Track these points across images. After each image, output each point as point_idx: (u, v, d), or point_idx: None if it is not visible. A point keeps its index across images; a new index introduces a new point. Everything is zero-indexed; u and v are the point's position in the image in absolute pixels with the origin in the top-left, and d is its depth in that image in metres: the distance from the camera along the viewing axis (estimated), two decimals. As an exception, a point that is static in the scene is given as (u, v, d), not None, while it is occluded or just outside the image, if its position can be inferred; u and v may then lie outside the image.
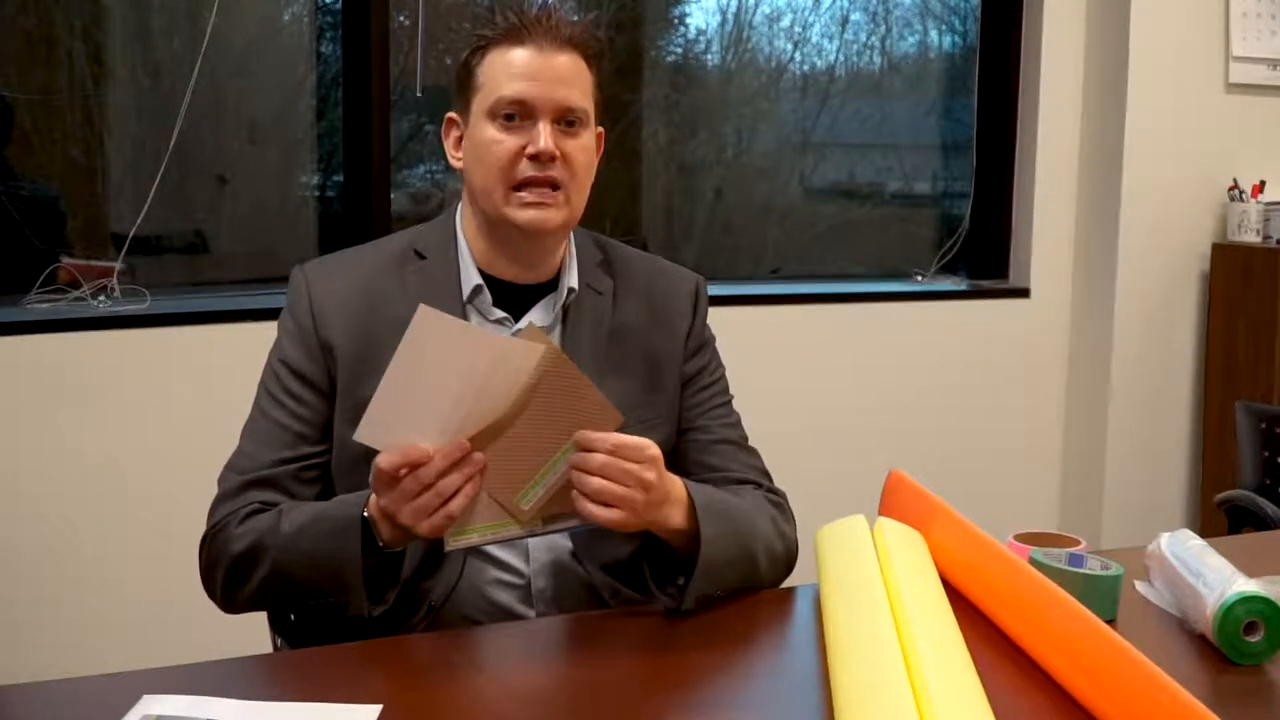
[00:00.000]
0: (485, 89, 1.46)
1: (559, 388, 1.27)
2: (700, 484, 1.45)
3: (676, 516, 1.38)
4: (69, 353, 2.57)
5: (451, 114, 1.53)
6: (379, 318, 1.48)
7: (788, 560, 1.53)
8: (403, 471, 1.25)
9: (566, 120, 1.46)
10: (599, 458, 1.29)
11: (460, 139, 1.52)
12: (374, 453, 1.28)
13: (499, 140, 1.45)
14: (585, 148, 1.48)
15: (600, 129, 1.55)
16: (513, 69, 1.44)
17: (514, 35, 1.45)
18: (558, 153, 1.44)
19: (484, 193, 1.47)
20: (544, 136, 1.43)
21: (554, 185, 1.45)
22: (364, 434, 1.26)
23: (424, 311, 1.20)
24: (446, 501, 1.25)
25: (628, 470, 1.29)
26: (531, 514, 1.31)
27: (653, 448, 1.33)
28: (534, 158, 1.43)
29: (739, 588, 1.45)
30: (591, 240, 1.61)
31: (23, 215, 2.73)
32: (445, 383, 1.23)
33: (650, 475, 1.31)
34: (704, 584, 1.39)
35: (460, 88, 1.51)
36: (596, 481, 1.29)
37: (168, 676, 1.20)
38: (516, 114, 1.44)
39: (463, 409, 1.24)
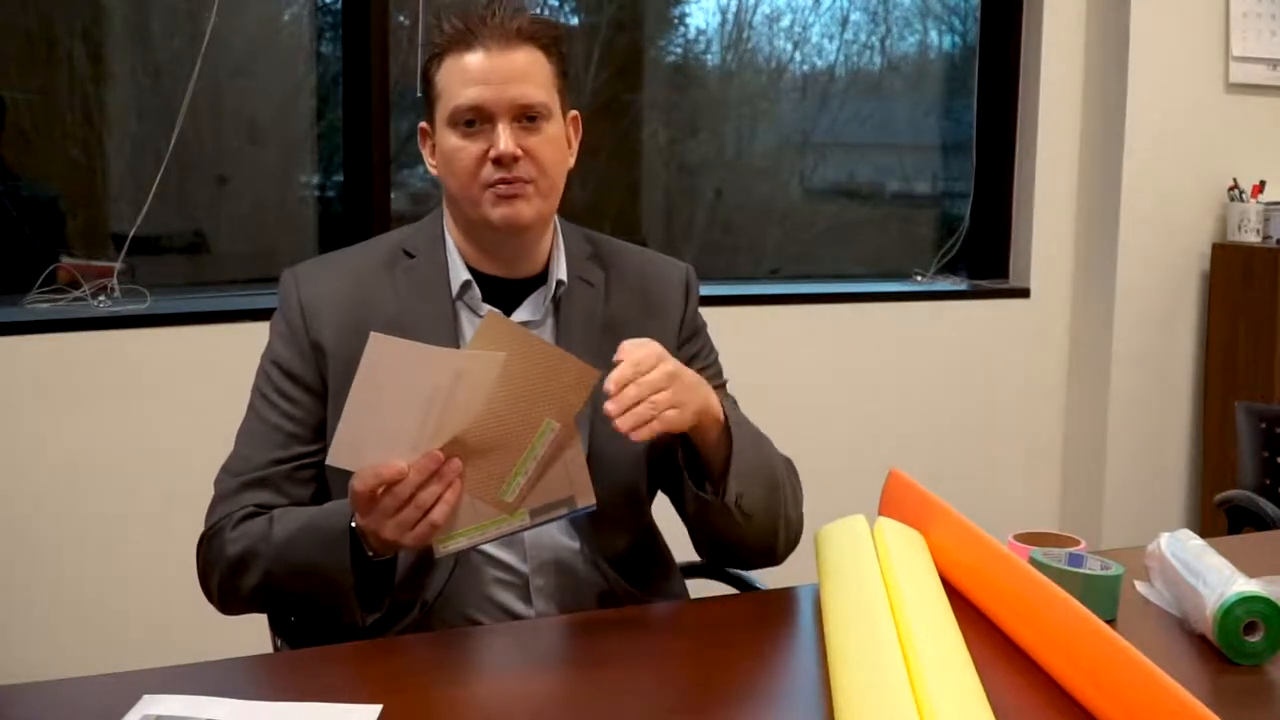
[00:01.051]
0: (443, 98, 1.46)
1: (527, 368, 1.26)
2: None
3: (715, 403, 1.41)
4: (69, 353, 2.57)
5: (423, 124, 1.54)
6: (369, 316, 1.49)
7: (800, 511, 1.56)
8: (380, 490, 1.25)
9: (526, 117, 1.45)
10: (630, 390, 1.31)
11: (434, 148, 1.52)
12: None
13: (462, 147, 1.45)
14: (550, 140, 1.47)
15: (574, 113, 1.55)
16: (465, 75, 1.44)
17: (463, 40, 1.45)
18: (519, 153, 1.44)
19: (459, 198, 1.49)
20: (503, 139, 1.43)
21: (522, 182, 1.45)
22: (335, 457, 1.25)
23: (375, 339, 1.20)
24: (427, 512, 1.26)
25: (654, 379, 1.33)
26: (516, 505, 1.30)
27: (651, 343, 1.37)
28: (497, 161, 1.44)
29: (768, 506, 1.47)
30: (580, 234, 1.61)
31: (23, 215, 2.73)
32: (409, 402, 1.22)
33: (669, 366, 1.35)
34: (741, 481, 1.42)
35: (424, 98, 1.52)
36: (641, 409, 1.31)
37: (168, 676, 1.20)
38: (475, 119, 1.44)
39: (431, 422, 1.24)
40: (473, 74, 1.44)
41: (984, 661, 1.19)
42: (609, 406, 1.31)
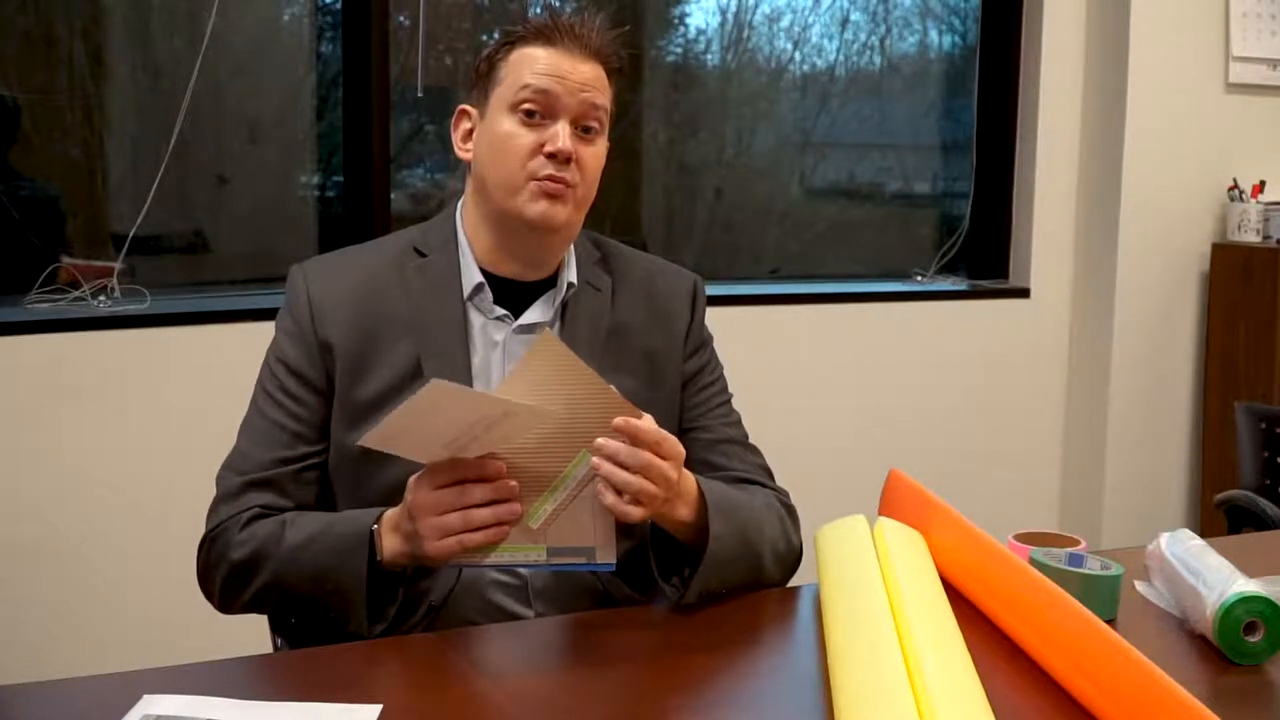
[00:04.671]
0: (508, 81, 1.46)
1: (571, 395, 1.25)
2: (712, 481, 1.45)
3: (683, 511, 1.38)
4: (69, 353, 2.57)
5: (465, 106, 1.53)
6: (379, 317, 1.48)
7: (793, 562, 1.53)
8: (446, 484, 1.26)
9: (584, 126, 1.46)
10: (643, 456, 1.28)
11: (471, 131, 1.52)
12: (371, 453, 1.27)
13: (517, 133, 1.45)
14: (598, 155, 1.49)
15: (608, 142, 1.55)
16: (538, 66, 1.45)
17: (544, 35, 1.46)
18: (574, 154, 1.44)
19: (497, 185, 1.47)
20: (563, 136, 1.44)
21: (566, 185, 1.45)
22: (370, 440, 1.24)
23: (436, 385, 1.17)
24: (467, 531, 1.26)
25: (661, 468, 1.29)
26: (539, 534, 1.29)
27: (679, 445, 1.33)
28: (551, 156, 1.44)
29: (742, 585, 1.45)
30: (588, 239, 1.61)
31: (23, 215, 2.73)
32: (453, 424, 1.22)
33: (674, 475, 1.32)
34: (708, 580, 1.39)
35: (479, 80, 1.51)
36: (638, 481, 1.28)
37: (168, 676, 1.20)
38: (538, 110, 1.45)
39: (466, 437, 1.24)
40: (545, 67, 1.45)
41: (984, 661, 1.19)
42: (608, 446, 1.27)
